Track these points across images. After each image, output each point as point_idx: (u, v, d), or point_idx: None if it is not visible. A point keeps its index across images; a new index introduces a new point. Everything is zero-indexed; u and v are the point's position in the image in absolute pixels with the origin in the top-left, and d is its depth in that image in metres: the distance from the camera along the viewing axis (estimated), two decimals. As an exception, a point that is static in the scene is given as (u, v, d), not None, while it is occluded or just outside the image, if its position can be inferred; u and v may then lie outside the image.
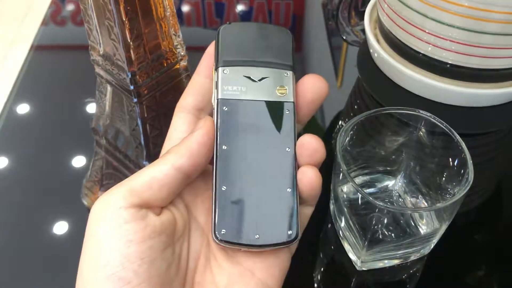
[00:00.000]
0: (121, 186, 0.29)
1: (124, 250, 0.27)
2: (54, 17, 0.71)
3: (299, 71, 0.62)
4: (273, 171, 0.31)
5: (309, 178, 0.31)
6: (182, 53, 0.40)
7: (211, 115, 0.33)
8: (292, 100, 0.33)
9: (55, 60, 0.65)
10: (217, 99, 0.32)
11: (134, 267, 0.27)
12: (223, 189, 0.30)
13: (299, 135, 0.33)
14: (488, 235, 0.46)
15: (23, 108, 0.56)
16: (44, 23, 0.69)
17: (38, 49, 0.65)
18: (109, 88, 0.41)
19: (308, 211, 0.34)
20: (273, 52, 0.34)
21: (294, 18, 0.74)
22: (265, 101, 0.33)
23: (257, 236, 0.30)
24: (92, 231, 0.28)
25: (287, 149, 0.32)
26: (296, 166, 0.32)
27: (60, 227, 0.45)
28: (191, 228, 0.32)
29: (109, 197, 0.29)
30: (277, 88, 0.33)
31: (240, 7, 0.74)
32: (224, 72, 0.33)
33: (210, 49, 0.34)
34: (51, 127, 0.55)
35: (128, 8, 0.33)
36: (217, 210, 0.30)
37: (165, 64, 0.39)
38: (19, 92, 0.58)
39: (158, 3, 0.35)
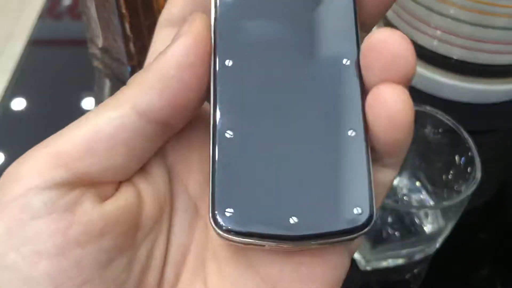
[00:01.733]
0: (42, 148, 0.17)
1: (26, 270, 0.15)
2: (51, 11, 0.70)
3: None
4: (318, 103, 0.18)
5: (388, 105, 0.17)
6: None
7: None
8: None
9: (52, 55, 0.65)
10: None
11: None
12: (228, 136, 0.18)
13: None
14: (494, 234, 0.45)
15: (19, 104, 0.56)
16: (41, 17, 0.68)
17: (35, 43, 0.64)
18: (108, 82, 0.40)
19: (386, 176, 0.19)
20: None
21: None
22: None
23: (294, 220, 0.17)
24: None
25: (344, 61, 0.18)
26: (363, 92, 0.18)
27: None
28: (177, 209, 0.20)
29: (20, 166, 0.17)
30: None
31: None
32: None
33: None
34: (48, 123, 0.54)
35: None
36: (217, 175, 0.17)
37: (165, 58, 0.38)
38: (16, 87, 0.58)
39: (159, -6, 0.35)
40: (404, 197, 0.43)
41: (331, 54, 0.18)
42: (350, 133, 0.18)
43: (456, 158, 0.39)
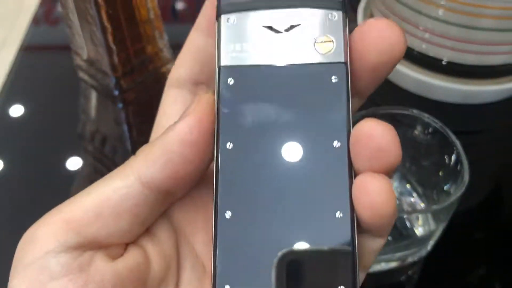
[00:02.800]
0: (56, 213, 0.19)
1: None
2: (45, 17, 0.70)
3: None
4: (310, 184, 0.19)
5: (372, 198, 0.18)
6: (168, 56, 0.39)
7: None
8: (343, 60, 0.20)
9: (46, 61, 0.64)
10: (218, 67, 0.20)
11: None
12: (227, 216, 0.19)
13: (355, 121, 0.20)
14: (486, 235, 0.45)
15: (13, 110, 0.56)
16: (35, 23, 0.68)
17: (28, 49, 0.64)
18: (94, 94, 0.40)
19: (375, 244, 0.20)
20: None
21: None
22: (297, 64, 0.20)
23: None
24: (10, 286, 0.19)
25: (335, 143, 0.19)
26: (351, 174, 0.19)
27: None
28: (185, 268, 0.21)
29: (37, 231, 0.19)
30: (318, 40, 0.20)
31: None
32: (230, 21, 0.21)
33: None
34: (42, 129, 0.55)
35: (110, 12, 0.33)
36: (217, 252, 0.19)
37: (150, 68, 0.38)
38: (9, 93, 0.58)
39: (141, 5, 0.35)
40: (395, 200, 0.43)
41: (322, 138, 0.20)
42: (338, 214, 0.19)
43: (445, 159, 0.39)
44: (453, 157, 0.38)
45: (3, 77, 0.59)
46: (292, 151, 0.20)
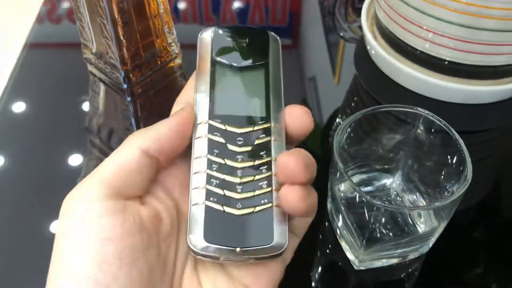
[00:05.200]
0: (91, 176, 0.26)
1: (100, 249, 0.24)
2: (49, 15, 0.70)
3: (296, 70, 0.62)
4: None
5: (289, 204, 0.27)
6: (176, 51, 0.39)
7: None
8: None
9: (50, 58, 0.65)
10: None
11: (112, 269, 0.24)
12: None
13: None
14: (487, 233, 0.45)
15: (17, 107, 0.56)
16: (39, 21, 0.69)
17: (32, 47, 0.64)
18: (102, 87, 0.41)
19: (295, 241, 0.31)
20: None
21: (291, 14, 0.74)
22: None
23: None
24: (63, 230, 0.25)
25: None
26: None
27: (56, 226, 0.45)
28: (181, 228, 0.29)
29: (80, 190, 0.26)
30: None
31: (236, 4, 0.73)
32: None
33: None
34: (46, 126, 0.55)
35: (121, 5, 0.33)
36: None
37: (159, 62, 0.38)
38: (13, 90, 0.58)
39: (152, 0, 0.35)
40: (397, 198, 0.43)
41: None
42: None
43: (448, 158, 0.39)
44: (456, 155, 0.38)
45: (8, 74, 0.60)
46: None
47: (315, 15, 0.70)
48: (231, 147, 0.28)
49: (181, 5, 0.72)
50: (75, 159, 0.50)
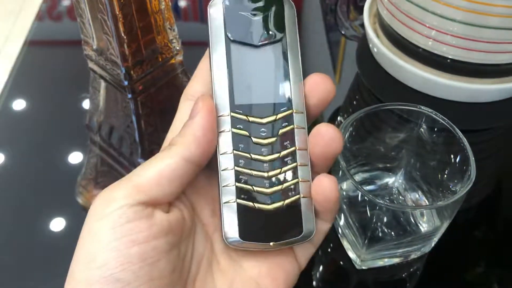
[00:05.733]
0: (127, 181, 0.27)
1: (125, 250, 0.25)
2: (50, 12, 0.70)
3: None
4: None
5: (324, 189, 0.28)
6: (177, 48, 0.39)
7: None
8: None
9: (50, 56, 0.64)
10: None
11: (134, 269, 0.25)
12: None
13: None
14: (489, 232, 0.45)
15: (17, 104, 0.56)
16: (40, 18, 0.68)
17: (32, 44, 0.64)
18: (103, 84, 0.40)
19: (323, 227, 0.31)
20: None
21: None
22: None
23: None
24: (91, 228, 0.26)
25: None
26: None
27: (57, 224, 0.45)
28: (196, 229, 0.30)
29: (113, 193, 0.27)
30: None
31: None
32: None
33: None
34: (46, 123, 0.55)
35: (122, 1, 0.32)
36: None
37: (160, 59, 0.38)
38: (13, 88, 0.58)
39: (153, -4, 0.35)
40: (400, 197, 0.43)
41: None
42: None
43: (451, 157, 0.39)
44: (460, 154, 0.38)
45: (8, 71, 0.59)
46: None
47: (316, 13, 0.70)
48: (255, 140, 0.28)
49: (182, 3, 0.72)
50: (75, 157, 0.50)
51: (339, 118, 0.55)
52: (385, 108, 0.40)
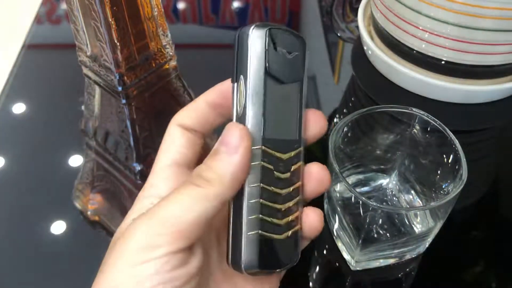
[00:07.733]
0: (168, 226, 0.26)
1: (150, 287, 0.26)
2: (48, 15, 0.70)
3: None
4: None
5: (312, 220, 0.30)
6: (171, 53, 0.39)
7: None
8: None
9: (49, 60, 0.65)
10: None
11: None
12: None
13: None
14: (483, 232, 0.45)
15: (15, 108, 0.56)
16: (38, 21, 0.69)
17: (31, 48, 0.64)
18: (97, 89, 0.41)
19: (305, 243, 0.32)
20: None
21: (290, 14, 0.74)
22: None
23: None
24: (134, 267, 0.26)
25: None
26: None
27: (55, 227, 0.45)
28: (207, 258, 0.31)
29: (155, 238, 0.26)
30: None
31: (236, 4, 0.73)
32: None
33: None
34: (44, 127, 0.55)
35: (114, 8, 0.33)
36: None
37: (153, 65, 0.38)
38: (10, 91, 0.58)
39: (146, 2, 0.35)
40: (394, 198, 0.43)
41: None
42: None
43: (444, 158, 0.39)
44: (452, 155, 0.38)
45: (6, 75, 0.60)
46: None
47: (314, 15, 0.70)
48: (277, 174, 0.29)
49: (181, 5, 0.72)
50: (73, 160, 0.50)
51: (335, 119, 0.55)
52: (378, 110, 0.40)
